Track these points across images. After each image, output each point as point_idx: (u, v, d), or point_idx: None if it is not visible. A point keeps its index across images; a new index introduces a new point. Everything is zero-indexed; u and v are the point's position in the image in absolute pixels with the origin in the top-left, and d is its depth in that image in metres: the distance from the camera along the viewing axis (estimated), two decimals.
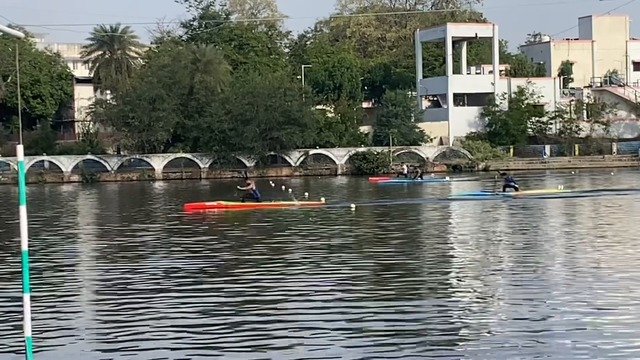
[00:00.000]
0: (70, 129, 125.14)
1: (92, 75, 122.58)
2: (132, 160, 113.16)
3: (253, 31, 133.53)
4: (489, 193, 60.84)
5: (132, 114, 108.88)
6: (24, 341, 8.72)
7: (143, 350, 15.93)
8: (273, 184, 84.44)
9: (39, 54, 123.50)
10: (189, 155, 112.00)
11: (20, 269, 23.91)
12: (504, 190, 60.35)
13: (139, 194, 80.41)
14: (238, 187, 56.65)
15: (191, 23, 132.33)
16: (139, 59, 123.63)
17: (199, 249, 31.88)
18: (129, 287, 23.58)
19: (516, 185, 60.80)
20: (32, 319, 10.77)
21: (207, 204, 54.68)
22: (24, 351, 8.55)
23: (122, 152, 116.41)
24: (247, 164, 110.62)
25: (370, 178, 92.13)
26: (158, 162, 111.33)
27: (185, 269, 26.49)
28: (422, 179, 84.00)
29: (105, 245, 34.93)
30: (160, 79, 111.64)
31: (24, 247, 8.27)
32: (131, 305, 20.62)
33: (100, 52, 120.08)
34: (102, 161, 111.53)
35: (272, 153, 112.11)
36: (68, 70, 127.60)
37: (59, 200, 70.60)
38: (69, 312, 19.92)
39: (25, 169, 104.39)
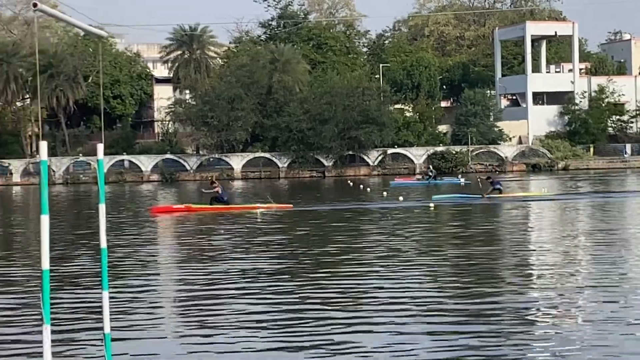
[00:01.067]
0: (150, 129, 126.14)
1: (171, 75, 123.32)
2: (211, 159, 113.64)
3: (331, 30, 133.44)
4: (471, 196, 59.38)
5: (211, 113, 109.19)
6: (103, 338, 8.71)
7: (222, 344, 16.06)
8: (351, 184, 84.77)
9: (119, 55, 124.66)
10: (267, 155, 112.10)
11: (97, 267, 24.25)
12: (489, 193, 58.54)
13: None
14: (203, 190, 55.50)
15: (269, 23, 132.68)
16: (218, 58, 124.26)
17: (279, 248, 31.85)
18: (209, 284, 23.58)
19: (501, 188, 59.14)
20: (114, 316, 11.03)
21: (175, 206, 53.87)
22: (102, 348, 8.60)
23: (201, 152, 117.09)
24: (326, 164, 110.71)
25: (396, 178, 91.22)
26: (237, 162, 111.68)
27: (268, 268, 26.42)
28: (436, 180, 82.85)
29: (186, 245, 35.02)
30: (239, 79, 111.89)
31: (103, 244, 8.23)
32: (212, 302, 20.64)
33: (179, 52, 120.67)
34: (181, 160, 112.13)
35: (350, 152, 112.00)
36: (148, 70, 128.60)
37: (139, 199, 70.96)
38: (148, 308, 19.92)
39: (106, 168, 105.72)
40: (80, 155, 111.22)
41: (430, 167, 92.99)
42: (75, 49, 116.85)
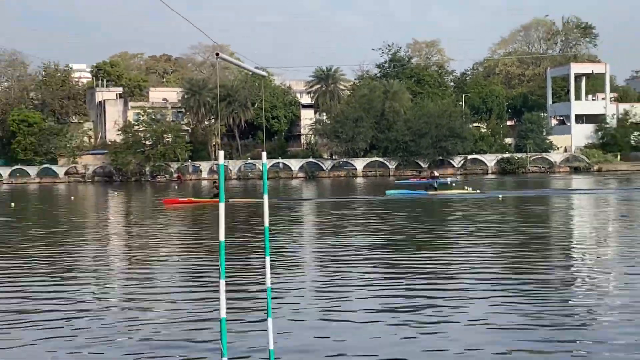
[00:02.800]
0: (298, 140, 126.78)
1: (313, 102, 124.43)
2: (341, 162, 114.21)
3: (427, 70, 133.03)
4: (419, 192, 56.13)
5: (341, 129, 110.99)
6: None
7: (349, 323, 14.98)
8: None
9: (277, 87, 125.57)
10: (381, 159, 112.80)
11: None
12: (426, 189, 55.94)
13: (346, 186, 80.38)
14: (215, 187, 52.78)
15: (383, 65, 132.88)
16: (346, 90, 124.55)
17: (393, 229, 31.36)
18: (338, 260, 23.01)
19: (436, 186, 55.74)
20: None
21: (180, 199, 51.08)
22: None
23: (333, 157, 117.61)
24: (422, 165, 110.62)
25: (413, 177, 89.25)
26: (359, 164, 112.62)
27: (383, 245, 25.89)
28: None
29: (323, 221, 34.79)
30: (361, 105, 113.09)
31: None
32: (341, 278, 20.14)
33: (319, 86, 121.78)
34: (319, 163, 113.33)
35: (440, 157, 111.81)
36: (296, 99, 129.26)
37: (291, 190, 71.29)
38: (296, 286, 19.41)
39: (267, 168, 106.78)
40: (249, 158, 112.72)
41: (435, 172, 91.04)
42: (246, 84, 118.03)
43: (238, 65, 8.65)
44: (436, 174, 61.12)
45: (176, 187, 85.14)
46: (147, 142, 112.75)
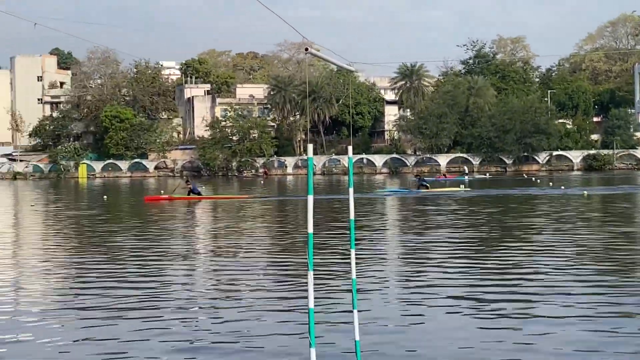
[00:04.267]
0: (382, 136, 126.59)
1: (397, 98, 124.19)
2: (424, 158, 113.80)
3: (512, 66, 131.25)
4: (406, 190, 55.52)
5: (425, 125, 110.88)
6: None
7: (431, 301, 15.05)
8: (525, 176, 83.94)
9: (361, 84, 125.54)
10: (465, 155, 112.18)
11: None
12: (418, 189, 54.68)
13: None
14: (180, 187, 51.73)
15: (467, 61, 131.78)
16: (430, 86, 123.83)
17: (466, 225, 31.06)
18: (423, 257, 22.94)
19: (427, 185, 55.15)
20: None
21: (161, 197, 50.28)
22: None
23: (417, 153, 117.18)
24: (507, 162, 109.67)
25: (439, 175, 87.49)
26: (443, 159, 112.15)
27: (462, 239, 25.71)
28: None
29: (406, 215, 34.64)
30: (445, 101, 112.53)
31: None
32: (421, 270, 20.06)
33: (403, 82, 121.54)
34: (403, 159, 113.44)
35: (525, 154, 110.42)
36: (380, 95, 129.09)
37: (376, 184, 71.15)
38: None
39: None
40: (333, 154, 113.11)
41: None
42: (331, 80, 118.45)
43: (326, 60, 8.66)
44: (419, 173, 61.35)
45: (262, 182, 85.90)
46: (234, 138, 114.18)
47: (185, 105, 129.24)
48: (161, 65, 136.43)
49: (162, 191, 55.16)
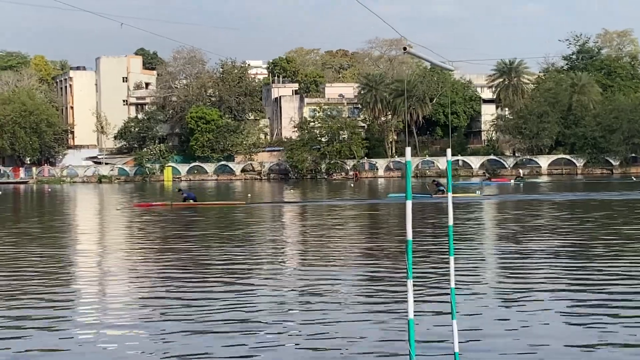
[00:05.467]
0: (478, 137, 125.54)
1: (494, 97, 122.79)
2: (524, 159, 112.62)
3: (619, 61, 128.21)
4: (425, 195, 53.83)
5: (524, 125, 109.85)
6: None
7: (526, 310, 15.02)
8: (634, 179, 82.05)
9: (456, 82, 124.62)
10: (567, 156, 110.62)
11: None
12: (435, 194, 53.24)
13: (528, 186, 78.51)
14: (176, 195, 51.93)
15: (570, 56, 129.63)
16: (530, 84, 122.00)
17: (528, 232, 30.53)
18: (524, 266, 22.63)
19: (443, 189, 53.17)
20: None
21: (154, 203, 50.41)
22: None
23: (516, 154, 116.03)
24: (613, 163, 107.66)
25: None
26: (543, 161, 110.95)
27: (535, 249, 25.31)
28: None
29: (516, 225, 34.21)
30: (546, 99, 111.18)
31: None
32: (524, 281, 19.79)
33: (501, 80, 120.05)
34: (501, 160, 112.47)
35: (633, 155, 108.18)
36: (477, 94, 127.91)
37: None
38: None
39: (445, 166, 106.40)
40: (427, 155, 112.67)
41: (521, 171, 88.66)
42: (424, 79, 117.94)
43: (426, 59, 8.68)
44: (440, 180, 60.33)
45: (352, 184, 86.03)
46: (323, 139, 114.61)
47: (272, 105, 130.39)
48: (248, 64, 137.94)
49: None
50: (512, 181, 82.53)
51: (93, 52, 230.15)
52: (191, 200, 48.98)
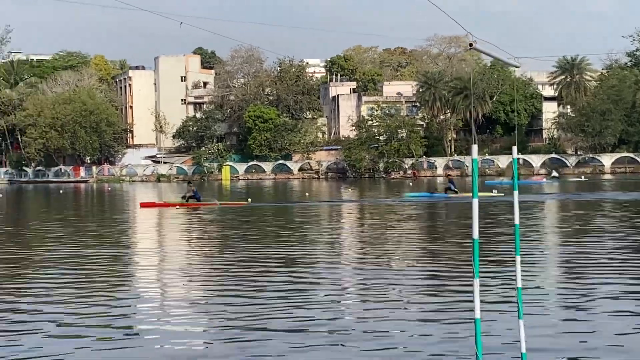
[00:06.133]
0: (539, 135, 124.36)
1: (556, 94, 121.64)
2: (587, 158, 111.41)
3: None
4: (434, 194, 53.77)
5: (587, 123, 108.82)
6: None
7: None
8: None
9: (516, 79, 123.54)
10: (631, 155, 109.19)
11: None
12: (445, 192, 52.37)
13: (593, 185, 77.45)
14: (186, 192, 50.40)
15: (634, 53, 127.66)
16: (593, 81, 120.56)
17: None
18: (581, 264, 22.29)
19: (456, 190, 52.03)
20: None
21: (157, 202, 51.02)
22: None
23: (578, 152, 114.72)
24: None
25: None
26: (607, 160, 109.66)
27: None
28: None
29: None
30: (609, 96, 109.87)
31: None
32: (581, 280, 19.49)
33: (562, 77, 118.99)
34: (563, 159, 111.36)
35: None
36: (538, 91, 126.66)
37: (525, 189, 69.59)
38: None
39: (505, 165, 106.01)
40: (487, 154, 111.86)
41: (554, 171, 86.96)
42: (484, 76, 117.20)
43: (491, 55, 8.57)
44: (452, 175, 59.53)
45: (410, 183, 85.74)
46: (381, 138, 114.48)
47: (330, 104, 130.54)
48: (306, 63, 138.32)
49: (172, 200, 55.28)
50: (545, 179, 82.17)
51: (152, 52, 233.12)
52: (195, 200, 48.98)
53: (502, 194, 52.59)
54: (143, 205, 50.10)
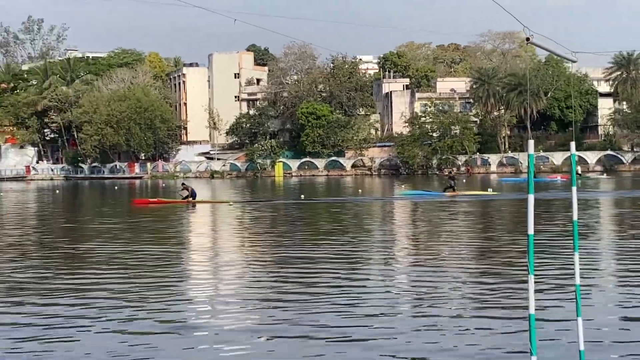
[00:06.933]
0: (594, 131, 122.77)
1: (611, 90, 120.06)
2: None
3: None
4: (433, 192, 53.64)
5: None
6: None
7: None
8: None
9: (571, 75, 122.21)
10: None
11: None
12: (444, 191, 52.33)
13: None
14: (179, 192, 51.20)
15: None
16: None
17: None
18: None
19: (454, 187, 52.32)
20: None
21: (151, 199, 51.64)
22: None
23: (635, 149, 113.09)
24: None
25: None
26: None
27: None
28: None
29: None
30: None
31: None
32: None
33: (618, 73, 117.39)
34: (619, 155, 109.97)
35: None
36: (593, 87, 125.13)
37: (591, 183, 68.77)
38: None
39: (560, 162, 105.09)
40: (541, 151, 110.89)
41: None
42: (539, 72, 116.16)
43: (548, 50, 8.51)
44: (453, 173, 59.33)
45: (464, 180, 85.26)
46: (434, 134, 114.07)
47: (383, 100, 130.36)
48: (359, 59, 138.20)
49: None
50: (559, 178, 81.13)
51: (206, 49, 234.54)
52: (190, 198, 49.33)
53: (496, 193, 52.68)
54: (137, 202, 50.66)
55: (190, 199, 49.15)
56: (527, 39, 7.79)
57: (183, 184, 54.97)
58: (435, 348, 11.54)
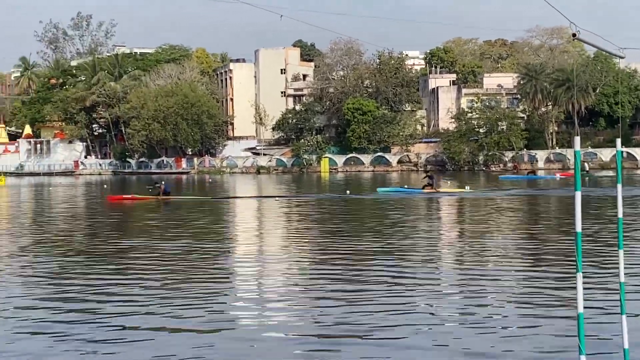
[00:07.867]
0: None
1: None
2: None
3: None
4: (414, 190, 53.02)
5: None
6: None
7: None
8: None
9: (620, 71, 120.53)
10: None
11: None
12: (422, 188, 51.79)
13: None
14: (150, 188, 50.72)
15: None
16: None
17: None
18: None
19: (432, 184, 52.15)
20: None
21: (124, 196, 50.82)
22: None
23: None
24: None
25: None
26: None
27: None
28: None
29: None
30: None
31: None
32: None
33: None
34: None
35: None
36: None
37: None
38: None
39: (609, 158, 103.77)
40: (589, 147, 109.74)
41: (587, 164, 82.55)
42: (587, 68, 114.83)
43: (595, 46, 8.47)
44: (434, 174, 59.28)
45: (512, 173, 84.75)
46: (481, 130, 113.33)
47: (429, 96, 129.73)
48: (405, 55, 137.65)
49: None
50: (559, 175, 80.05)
51: (252, 45, 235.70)
52: (166, 195, 49.38)
53: (472, 190, 52.30)
54: (111, 199, 50.46)
55: (160, 196, 49.20)
56: (574, 35, 7.75)
57: (156, 183, 53.90)
58: (482, 348, 11.52)
